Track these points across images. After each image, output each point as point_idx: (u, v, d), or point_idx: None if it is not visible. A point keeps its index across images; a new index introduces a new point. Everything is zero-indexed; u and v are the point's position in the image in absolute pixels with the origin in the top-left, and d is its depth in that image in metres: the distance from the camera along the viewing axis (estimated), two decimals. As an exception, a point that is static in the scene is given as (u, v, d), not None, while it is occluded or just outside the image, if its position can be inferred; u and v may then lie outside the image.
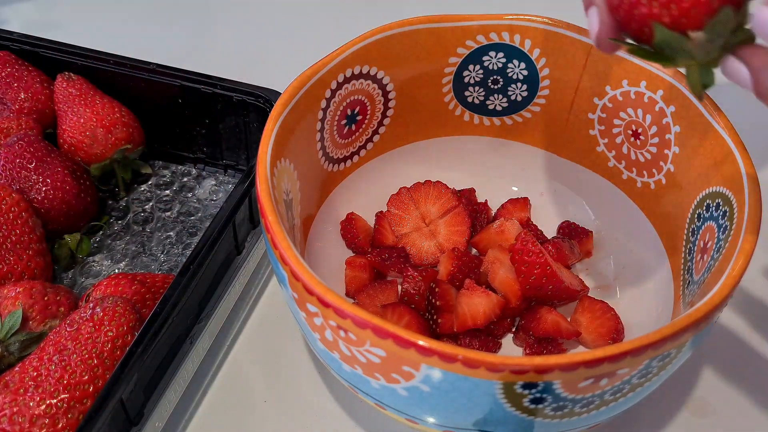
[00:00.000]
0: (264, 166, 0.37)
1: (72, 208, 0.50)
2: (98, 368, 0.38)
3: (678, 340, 0.31)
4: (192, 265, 0.41)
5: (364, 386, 0.34)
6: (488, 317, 0.43)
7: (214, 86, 0.52)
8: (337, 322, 0.31)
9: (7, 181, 0.49)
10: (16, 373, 0.38)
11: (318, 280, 0.32)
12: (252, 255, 0.48)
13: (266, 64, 0.68)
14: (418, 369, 0.30)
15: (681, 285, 0.41)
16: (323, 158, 0.46)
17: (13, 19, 0.73)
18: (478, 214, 0.50)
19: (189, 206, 0.55)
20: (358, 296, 0.45)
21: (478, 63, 0.48)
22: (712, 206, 0.39)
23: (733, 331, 0.47)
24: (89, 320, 0.39)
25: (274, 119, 0.39)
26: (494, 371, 0.29)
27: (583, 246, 0.49)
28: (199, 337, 0.43)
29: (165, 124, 0.56)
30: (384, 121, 0.49)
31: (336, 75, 0.43)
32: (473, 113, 0.51)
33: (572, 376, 0.29)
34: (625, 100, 0.45)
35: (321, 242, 0.47)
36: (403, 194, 0.50)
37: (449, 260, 0.46)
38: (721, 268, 0.34)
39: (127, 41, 0.69)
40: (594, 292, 0.47)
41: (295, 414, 0.43)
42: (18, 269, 0.45)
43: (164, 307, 0.39)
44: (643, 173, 0.46)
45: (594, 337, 0.44)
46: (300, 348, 0.47)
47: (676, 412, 0.43)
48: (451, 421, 0.33)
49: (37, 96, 0.55)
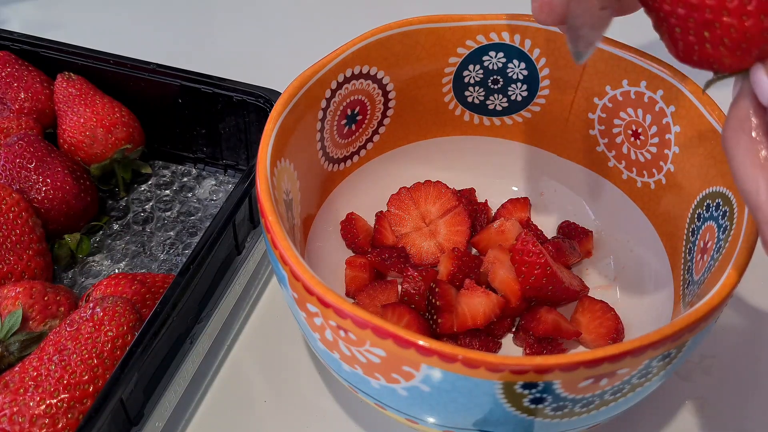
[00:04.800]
0: (264, 166, 0.37)
1: (72, 208, 0.50)
2: (98, 368, 0.38)
3: (678, 340, 0.31)
4: (192, 265, 0.41)
5: (364, 386, 0.34)
6: (488, 317, 0.43)
7: (214, 86, 0.52)
8: (337, 322, 0.31)
9: (7, 181, 0.49)
10: (16, 373, 0.38)
11: (318, 280, 0.32)
12: (252, 255, 0.48)
13: (266, 64, 0.68)
14: (418, 369, 0.30)
15: (681, 285, 0.41)
16: (323, 158, 0.46)
17: (13, 19, 0.73)
18: (478, 214, 0.50)
19: (189, 206, 0.55)
20: (358, 296, 0.45)
21: (478, 63, 0.48)
22: (712, 206, 0.39)
23: (733, 331, 0.47)
24: (89, 320, 0.39)
25: (274, 119, 0.39)
26: (494, 371, 0.29)
27: (583, 246, 0.49)
28: (199, 337, 0.43)
29: (165, 124, 0.56)
30: (384, 121, 0.49)
31: (336, 75, 0.43)
32: (473, 113, 0.51)
33: (572, 376, 0.29)
34: (625, 100, 0.45)
35: (321, 242, 0.47)
36: (403, 194, 0.50)
37: (449, 260, 0.46)
38: (721, 268, 0.34)
39: (127, 41, 0.69)
40: (594, 292, 0.47)
41: (295, 414, 0.43)
42: (18, 269, 0.45)
43: (164, 307, 0.39)
44: (643, 173, 0.46)
45: (594, 337, 0.44)
46: (300, 348, 0.47)
47: (676, 412, 0.43)
48: (451, 421, 0.33)
49: (37, 96, 0.55)
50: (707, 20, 0.26)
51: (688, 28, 0.27)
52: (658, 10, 0.27)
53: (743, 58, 0.26)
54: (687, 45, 0.27)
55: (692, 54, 0.27)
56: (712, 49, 0.26)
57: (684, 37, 0.27)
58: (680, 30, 0.27)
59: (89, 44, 0.56)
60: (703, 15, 0.26)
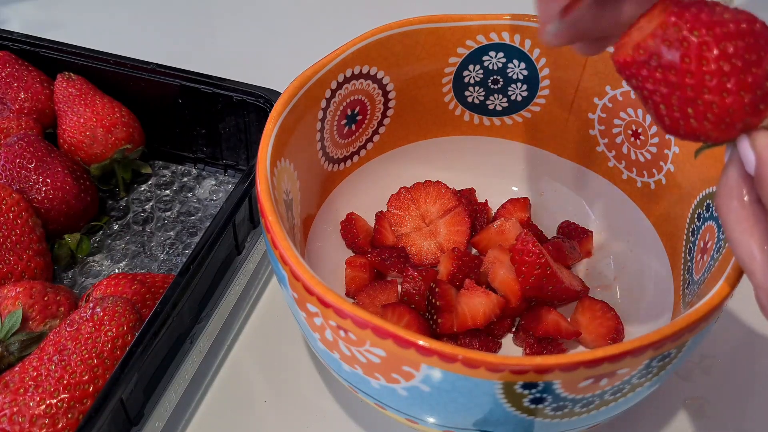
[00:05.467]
0: (264, 166, 0.37)
1: (72, 208, 0.50)
2: (98, 368, 0.38)
3: (678, 340, 0.31)
4: (192, 265, 0.41)
5: (364, 386, 0.34)
6: (488, 317, 0.43)
7: (214, 86, 0.52)
8: (337, 322, 0.31)
9: (7, 181, 0.49)
10: (16, 373, 0.38)
11: (318, 280, 0.32)
12: (252, 255, 0.48)
13: (266, 64, 0.68)
14: (418, 369, 0.30)
15: (681, 285, 0.41)
16: (323, 158, 0.46)
17: (13, 19, 0.73)
18: (478, 214, 0.50)
19: (189, 206, 0.55)
20: (358, 296, 0.45)
21: (478, 63, 0.48)
22: (712, 206, 0.39)
23: (733, 331, 0.47)
24: (89, 320, 0.39)
25: (274, 119, 0.39)
26: (494, 371, 0.29)
27: (583, 246, 0.49)
28: (199, 337, 0.43)
29: (165, 124, 0.56)
30: (384, 121, 0.49)
31: (336, 75, 0.43)
32: (473, 113, 0.51)
33: (572, 376, 0.29)
34: (625, 100, 0.45)
35: (321, 242, 0.47)
36: (403, 194, 0.50)
37: (449, 260, 0.46)
38: (721, 268, 0.34)
39: (127, 41, 0.69)
40: (594, 292, 0.47)
41: (295, 414, 0.43)
42: (18, 269, 0.45)
43: (164, 307, 0.39)
44: (643, 173, 0.46)
45: (594, 337, 0.44)
46: (300, 348, 0.47)
47: (676, 412, 0.43)
48: (451, 421, 0.33)
49: (37, 96, 0.55)
50: (689, 98, 0.27)
51: (671, 105, 0.27)
52: (642, 89, 0.28)
53: (728, 131, 0.27)
54: (673, 120, 0.28)
55: (679, 128, 0.28)
56: (697, 123, 0.27)
57: (669, 114, 0.28)
58: (665, 107, 0.28)
59: (89, 44, 0.56)
60: (684, 93, 0.27)
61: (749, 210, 0.28)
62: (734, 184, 0.28)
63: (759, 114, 0.26)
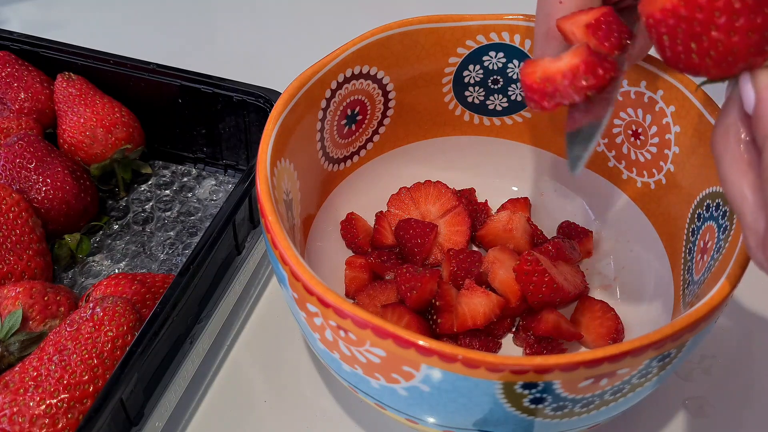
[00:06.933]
0: (264, 166, 0.37)
1: (72, 208, 0.50)
2: (98, 368, 0.38)
3: (678, 340, 0.31)
4: (192, 265, 0.41)
5: (364, 386, 0.34)
6: (488, 317, 0.43)
7: (214, 86, 0.52)
8: (337, 322, 0.31)
9: (7, 181, 0.49)
10: (16, 373, 0.38)
11: (318, 280, 0.32)
12: (252, 255, 0.48)
13: (266, 64, 0.68)
14: (418, 369, 0.30)
15: (681, 285, 0.41)
16: (323, 158, 0.46)
17: (13, 19, 0.73)
18: (478, 214, 0.50)
19: (189, 206, 0.55)
20: (358, 296, 0.45)
21: (478, 63, 0.48)
22: (712, 206, 0.39)
23: (733, 331, 0.47)
24: (89, 320, 0.39)
25: (274, 119, 0.39)
26: (494, 371, 0.29)
27: (583, 246, 0.49)
28: (199, 337, 0.43)
29: (165, 124, 0.56)
30: (384, 121, 0.49)
31: (336, 75, 0.43)
32: (473, 113, 0.51)
33: (572, 376, 0.29)
34: (625, 100, 0.45)
35: (321, 242, 0.47)
36: (403, 194, 0.50)
37: (449, 260, 0.46)
38: (721, 268, 0.34)
39: (127, 41, 0.69)
40: (594, 292, 0.47)
41: (295, 414, 0.43)
42: (18, 269, 0.45)
43: (164, 307, 0.39)
44: (643, 173, 0.46)
45: (594, 337, 0.44)
46: (300, 348, 0.47)
47: (676, 412, 0.43)
48: (451, 421, 0.33)
49: (37, 96, 0.55)
50: (695, 32, 0.26)
51: (675, 38, 0.27)
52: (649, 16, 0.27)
53: (728, 70, 0.27)
54: (674, 53, 0.28)
55: (678, 62, 0.28)
56: (699, 59, 0.27)
57: (672, 46, 0.27)
58: (668, 38, 0.27)
59: (89, 44, 0.56)
60: (691, 27, 0.26)
61: (744, 150, 0.27)
62: (732, 122, 0.28)
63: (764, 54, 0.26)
